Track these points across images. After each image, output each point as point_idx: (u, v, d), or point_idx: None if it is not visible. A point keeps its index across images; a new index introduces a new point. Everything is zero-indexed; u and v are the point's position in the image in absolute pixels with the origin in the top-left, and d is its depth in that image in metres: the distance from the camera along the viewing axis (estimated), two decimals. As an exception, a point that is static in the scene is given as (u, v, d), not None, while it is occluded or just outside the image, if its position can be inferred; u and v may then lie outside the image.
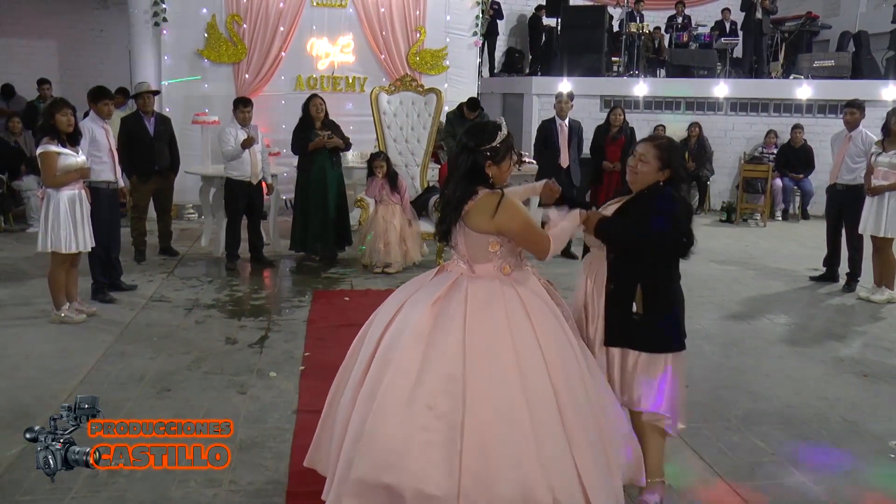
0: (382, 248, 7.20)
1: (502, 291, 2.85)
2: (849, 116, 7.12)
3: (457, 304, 2.81)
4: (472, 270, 2.91)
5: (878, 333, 5.93)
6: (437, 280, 2.98)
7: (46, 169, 5.34)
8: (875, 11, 14.44)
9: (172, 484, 3.32)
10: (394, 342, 2.81)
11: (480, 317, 2.78)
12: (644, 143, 3.21)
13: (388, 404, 2.68)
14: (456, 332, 2.75)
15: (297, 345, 5.25)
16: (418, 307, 2.85)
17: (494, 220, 2.81)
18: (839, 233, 7.29)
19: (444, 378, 2.70)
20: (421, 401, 2.67)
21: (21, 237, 8.62)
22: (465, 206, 2.85)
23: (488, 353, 2.73)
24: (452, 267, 2.99)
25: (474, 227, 2.86)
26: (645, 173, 3.12)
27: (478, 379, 2.69)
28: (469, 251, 2.91)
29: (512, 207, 2.85)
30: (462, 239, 2.91)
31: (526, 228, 2.87)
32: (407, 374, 2.71)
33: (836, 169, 7.15)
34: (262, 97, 9.37)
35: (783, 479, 3.56)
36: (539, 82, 12.38)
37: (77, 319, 5.60)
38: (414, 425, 2.66)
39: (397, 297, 3.01)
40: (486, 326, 2.77)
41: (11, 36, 13.10)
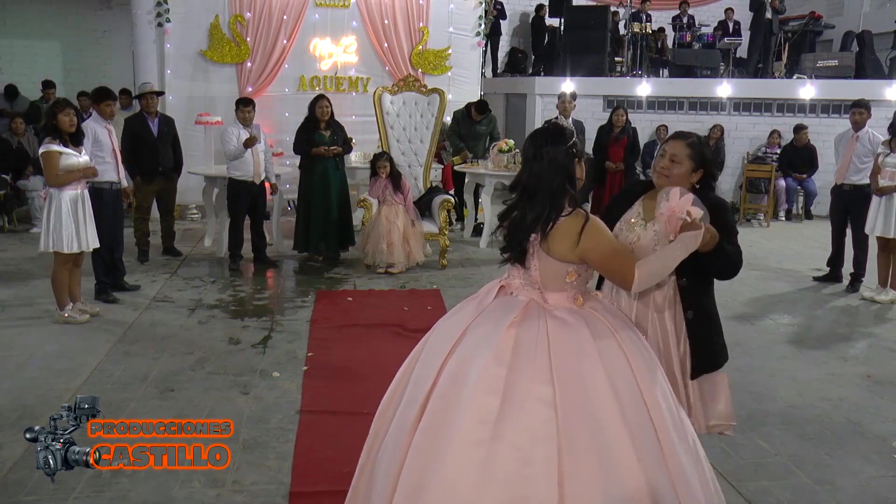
0: (386, 248, 7.20)
1: (585, 327, 2.49)
2: (857, 116, 7.09)
3: (538, 331, 2.45)
4: (545, 300, 2.57)
5: (883, 334, 5.91)
6: (502, 305, 2.59)
7: (48, 168, 5.35)
8: (879, 11, 14.42)
9: (175, 484, 3.33)
10: (459, 380, 2.40)
11: (566, 357, 2.41)
12: (674, 141, 2.89)
13: (464, 455, 2.28)
14: (542, 363, 2.38)
15: (301, 345, 5.25)
16: (491, 337, 2.45)
17: (579, 247, 2.49)
18: (844, 233, 7.27)
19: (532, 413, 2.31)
20: (508, 441, 2.28)
21: (25, 237, 8.64)
22: (549, 226, 2.51)
23: (573, 390, 2.35)
24: (520, 292, 2.61)
25: (555, 253, 2.52)
26: (679, 176, 2.81)
27: (567, 416, 2.30)
28: (543, 277, 2.57)
29: (598, 232, 2.53)
30: (537, 263, 2.56)
31: (612, 257, 2.55)
32: (487, 413, 2.31)
33: (844, 169, 7.12)
34: (264, 97, 9.37)
35: (786, 480, 3.56)
36: (542, 82, 12.37)
37: (80, 319, 5.61)
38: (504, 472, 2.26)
39: (452, 323, 2.62)
40: (573, 368, 2.39)
41: (15, 37, 13.14)
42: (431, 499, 2.28)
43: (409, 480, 2.33)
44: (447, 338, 2.56)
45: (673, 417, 2.46)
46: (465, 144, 9.01)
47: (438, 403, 2.40)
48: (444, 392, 2.41)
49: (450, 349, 2.51)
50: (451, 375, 2.43)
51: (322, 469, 3.52)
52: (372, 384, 4.52)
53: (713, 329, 2.92)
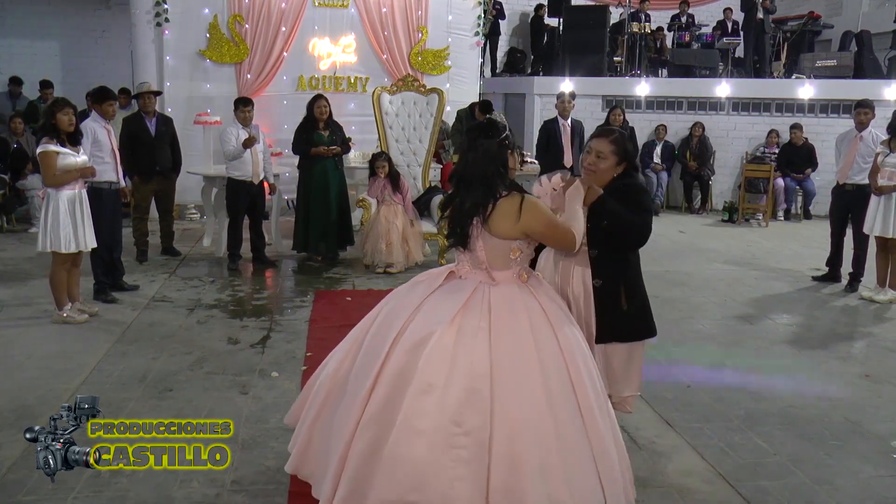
0: (384, 248, 7.20)
1: (524, 300, 2.77)
2: (862, 117, 7.09)
3: (480, 316, 2.71)
4: (492, 278, 2.81)
5: (881, 334, 5.91)
6: (452, 289, 2.83)
7: (46, 168, 5.35)
8: (877, 11, 14.42)
9: (175, 484, 3.32)
10: (411, 358, 2.66)
11: (505, 329, 2.69)
12: (598, 138, 3.19)
13: (413, 423, 2.58)
14: (481, 347, 2.65)
15: (299, 345, 5.25)
16: (436, 319, 2.71)
17: (520, 223, 2.73)
18: (843, 233, 7.28)
19: (471, 393, 2.60)
20: (447, 417, 2.58)
21: (24, 237, 8.63)
22: (488, 209, 2.74)
23: (514, 365, 2.65)
24: (468, 274, 2.85)
25: (498, 232, 2.75)
26: (604, 170, 3.13)
27: (504, 393, 2.61)
28: (489, 257, 2.80)
29: (535, 207, 2.76)
30: (482, 244, 2.79)
31: (551, 226, 2.80)
32: (431, 392, 2.60)
33: (847, 169, 7.11)
34: (263, 97, 9.37)
35: (785, 480, 3.56)
36: (541, 82, 12.38)
37: (79, 319, 5.60)
38: (441, 443, 2.57)
39: (403, 304, 2.87)
40: (511, 338, 2.68)
41: (14, 36, 13.12)
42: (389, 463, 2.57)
43: (363, 448, 2.63)
44: (398, 316, 2.80)
45: (595, 389, 2.76)
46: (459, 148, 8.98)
47: (391, 382, 2.65)
48: (397, 371, 2.66)
49: (399, 330, 2.74)
50: (402, 359, 2.67)
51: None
52: (371, 384, 4.54)
53: (631, 301, 3.17)
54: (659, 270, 7.53)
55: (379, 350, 2.75)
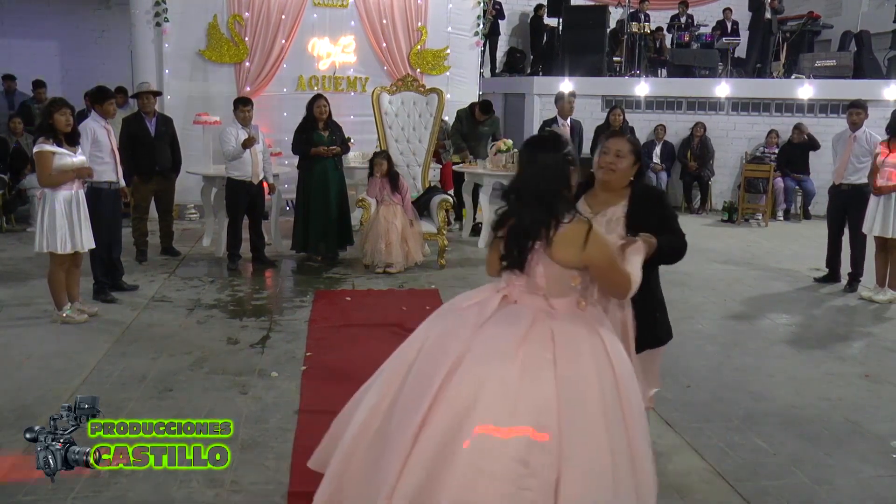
0: (384, 248, 7.20)
1: (585, 331, 2.58)
2: (854, 117, 7.10)
3: (544, 347, 2.49)
4: (550, 306, 2.59)
5: (881, 334, 5.92)
6: (510, 316, 2.59)
7: (41, 169, 5.33)
8: (877, 11, 14.43)
9: (174, 484, 3.32)
10: (472, 393, 2.43)
11: (570, 361, 2.49)
12: (615, 138, 3.18)
13: (478, 464, 2.36)
14: (547, 380, 2.44)
15: (299, 345, 5.25)
16: (497, 350, 2.49)
17: (584, 253, 2.51)
18: (842, 233, 7.28)
19: (538, 430, 2.39)
20: (514, 457, 2.36)
21: (23, 237, 8.62)
22: (551, 232, 2.51)
23: (579, 400, 2.45)
24: (524, 299, 2.62)
25: (560, 259, 2.53)
26: (624, 170, 3.10)
27: (571, 430, 2.41)
28: (548, 284, 2.57)
29: (602, 241, 2.56)
30: (542, 270, 2.56)
31: (613, 266, 2.61)
32: (497, 430, 2.38)
33: (842, 169, 7.13)
34: (263, 97, 9.37)
35: (785, 480, 3.56)
36: (540, 82, 12.38)
37: (79, 319, 5.60)
38: (509, 485, 2.35)
39: (454, 332, 2.60)
40: (575, 371, 2.48)
41: (13, 36, 13.12)
42: None
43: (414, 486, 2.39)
44: (450, 346, 2.55)
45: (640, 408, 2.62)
46: (468, 144, 9.01)
47: (449, 418, 2.42)
48: (456, 408, 2.43)
49: (455, 358, 2.50)
50: (461, 395, 2.44)
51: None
52: (371, 384, 4.54)
53: (657, 308, 3.24)
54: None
55: (429, 382, 2.50)
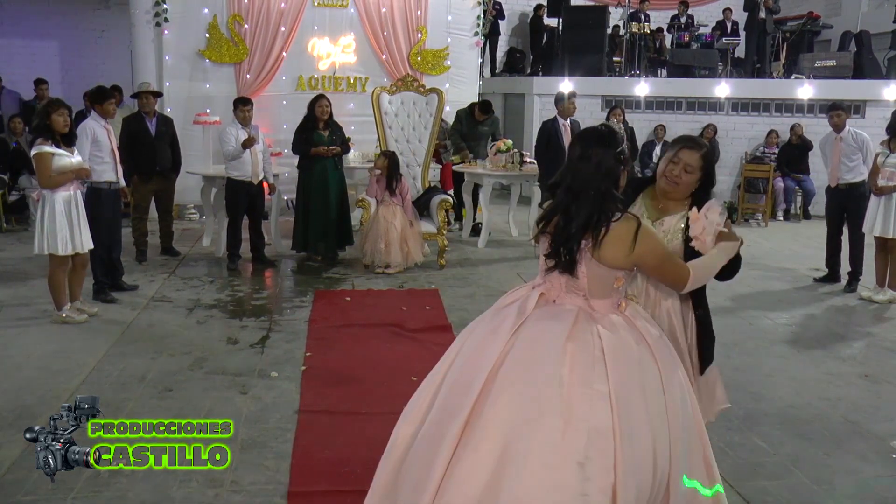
0: (383, 248, 7.20)
1: (628, 329, 2.50)
2: (836, 119, 7.18)
3: (593, 344, 2.40)
4: (591, 307, 2.49)
5: (880, 333, 5.92)
6: (551, 314, 2.50)
7: (41, 170, 5.32)
8: (876, 11, 14.43)
9: (174, 484, 3.32)
10: (521, 391, 2.33)
11: (619, 358, 2.40)
12: (690, 151, 2.88)
13: (534, 474, 2.24)
14: (599, 379, 2.34)
15: (299, 345, 5.25)
16: (543, 348, 2.39)
17: (634, 253, 2.42)
18: (840, 233, 7.29)
19: (594, 432, 2.28)
20: (574, 459, 2.25)
21: (23, 237, 8.62)
22: (601, 232, 2.41)
23: (629, 400, 2.35)
24: (563, 298, 2.52)
25: (607, 259, 2.43)
26: (688, 184, 2.88)
27: (624, 432, 2.30)
28: (590, 285, 2.47)
29: (652, 237, 2.49)
30: (584, 270, 2.45)
31: (666, 261, 2.53)
32: (553, 433, 2.27)
33: (835, 171, 7.17)
34: (263, 97, 9.37)
35: (784, 480, 3.56)
36: (540, 82, 12.38)
37: (78, 319, 5.60)
38: (567, 490, 2.23)
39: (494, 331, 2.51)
40: (625, 369, 2.39)
41: (13, 36, 13.12)
42: None
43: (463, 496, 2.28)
44: (490, 345, 2.46)
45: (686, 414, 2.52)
46: (467, 144, 9.02)
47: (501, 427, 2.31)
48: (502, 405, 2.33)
49: (497, 357, 2.42)
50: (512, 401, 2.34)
51: (320, 469, 3.52)
52: (370, 384, 4.54)
53: (711, 326, 3.05)
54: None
55: (470, 383, 2.40)
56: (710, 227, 2.74)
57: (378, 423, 3.96)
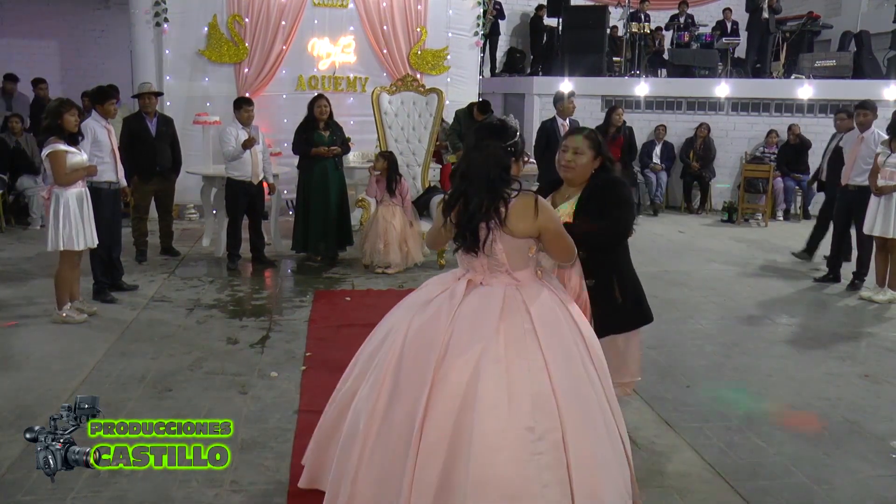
0: (383, 248, 7.20)
1: (553, 300, 2.77)
2: (861, 118, 7.12)
3: (522, 318, 2.67)
4: (515, 279, 2.76)
5: (880, 333, 5.92)
6: (481, 297, 2.73)
7: (58, 168, 5.38)
8: (876, 11, 14.45)
9: (174, 484, 3.32)
10: (466, 377, 2.56)
11: (547, 326, 2.67)
12: (573, 136, 3.32)
13: (491, 442, 2.48)
14: (532, 348, 2.61)
15: (299, 345, 5.25)
16: (479, 332, 2.62)
17: (537, 220, 2.70)
18: (847, 234, 7.28)
19: (536, 396, 2.54)
20: (521, 426, 2.51)
21: (22, 236, 8.63)
22: (501, 212, 2.67)
23: (564, 361, 2.64)
24: (489, 280, 2.77)
25: (517, 231, 2.70)
26: (583, 165, 3.26)
27: (563, 390, 2.58)
28: (510, 258, 2.73)
29: (548, 208, 2.77)
30: (501, 247, 2.71)
31: (560, 230, 2.80)
32: (499, 405, 2.51)
33: (849, 170, 7.14)
34: (263, 97, 9.37)
35: (784, 480, 3.56)
36: (540, 82, 12.38)
37: (78, 319, 5.60)
38: (523, 453, 2.49)
39: (431, 324, 2.71)
40: (554, 335, 2.67)
41: (13, 36, 13.12)
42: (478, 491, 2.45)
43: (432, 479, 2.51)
44: (432, 338, 2.66)
45: (604, 365, 2.85)
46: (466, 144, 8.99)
47: (449, 406, 2.55)
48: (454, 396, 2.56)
49: (440, 349, 2.63)
50: (458, 385, 2.57)
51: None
52: (370, 384, 4.53)
53: (624, 293, 3.35)
54: (658, 270, 7.54)
55: (421, 375, 2.62)
56: None
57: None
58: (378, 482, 2.65)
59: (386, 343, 2.81)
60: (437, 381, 2.58)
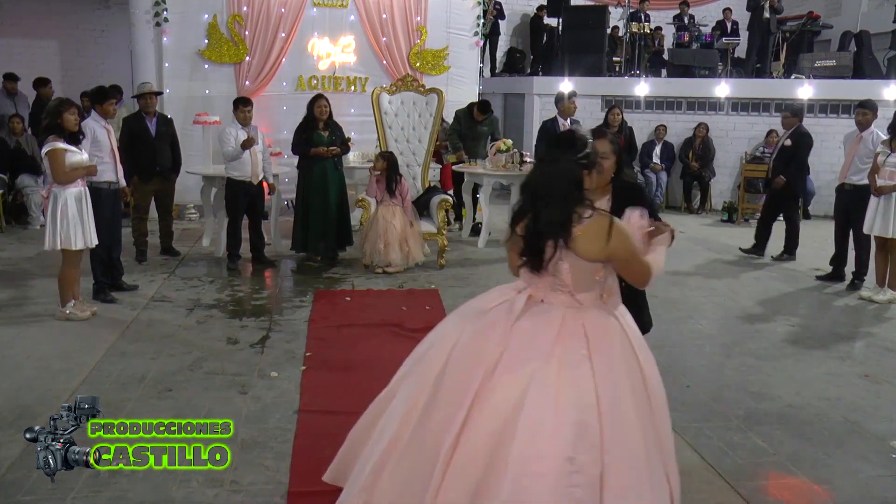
0: (383, 248, 7.20)
1: (612, 323, 2.66)
2: (860, 117, 7.13)
3: (579, 344, 2.55)
4: (578, 301, 2.62)
5: (881, 333, 5.92)
6: (539, 315, 2.62)
7: (56, 166, 5.39)
8: (876, 11, 14.44)
9: (174, 484, 3.32)
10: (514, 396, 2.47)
11: (604, 354, 2.56)
12: (599, 140, 3.22)
13: (531, 467, 2.39)
14: (585, 376, 2.49)
15: (299, 345, 5.25)
16: (532, 352, 2.53)
17: (609, 245, 2.53)
18: (847, 232, 7.29)
19: (580, 427, 2.43)
20: (561, 455, 2.40)
21: (22, 236, 8.63)
22: (574, 229, 2.52)
23: (615, 393, 2.52)
24: (550, 297, 2.64)
25: (585, 253, 2.54)
26: (608, 170, 3.26)
27: (611, 423, 2.47)
28: (574, 280, 2.59)
29: (624, 232, 2.59)
30: (567, 267, 2.57)
31: (634, 255, 2.64)
32: (542, 430, 2.42)
33: (845, 169, 7.16)
34: (263, 97, 9.37)
35: (785, 480, 3.56)
36: (540, 82, 12.38)
37: (82, 316, 5.62)
38: (560, 484, 2.38)
39: (484, 336, 2.62)
40: (609, 364, 2.55)
41: (13, 36, 13.11)
42: None
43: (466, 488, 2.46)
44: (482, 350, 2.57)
45: (663, 397, 2.76)
46: (466, 144, 9.02)
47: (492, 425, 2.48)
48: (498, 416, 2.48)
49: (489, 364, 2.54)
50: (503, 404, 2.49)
51: (320, 469, 3.50)
52: (370, 384, 4.53)
53: (640, 301, 3.40)
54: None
55: (466, 387, 2.53)
56: (635, 232, 2.82)
57: (378, 423, 3.98)
58: (401, 488, 2.59)
59: (434, 348, 2.73)
60: (481, 396, 2.50)
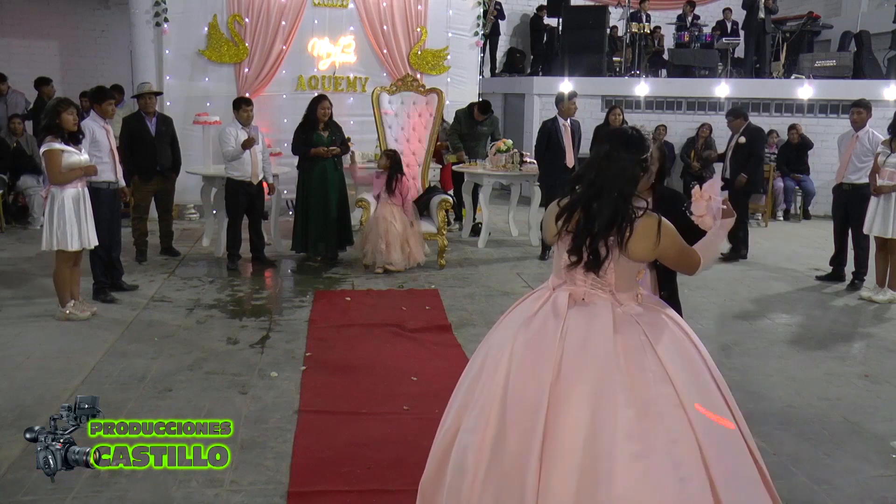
0: (384, 248, 7.20)
1: (658, 315, 2.61)
2: (856, 116, 7.12)
3: (639, 337, 2.48)
4: (617, 301, 2.55)
5: (881, 334, 5.92)
6: (586, 314, 2.53)
7: (52, 167, 5.38)
8: (876, 11, 14.44)
9: (174, 484, 3.32)
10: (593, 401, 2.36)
11: (665, 339, 2.50)
12: None
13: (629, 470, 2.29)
14: (654, 366, 2.43)
15: (299, 345, 5.25)
16: (599, 354, 2.42)
17: (658, 246, 2.51)
18: (846, 232, 7.29)
19: (666, 413, 2.36)
20: (654, 441, 2.32)
21: (22, 236, 8.63)
22: (625, 231, 2.47)
23: (690, 373, 2.46)
24: (591, 297, 2.56)
25: (634, 254, 2.50)
26: (653, 172, 3.06)
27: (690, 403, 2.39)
28: (617, 279, 2.54)
29: (672, 231, 2.55)
30: (612, 266, 2.52)
31: (684, 250, 2.60)
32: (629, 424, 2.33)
33: (843, 168, 7.16)
34: (263, 97, 9.36)
35: (784, 480, 3.55)
36: (540, 82, 12.38)
37: (82, 316, 5.62)
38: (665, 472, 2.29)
39: (539, 345, 2.49)
40: (674, 347, 2.49)
41: (12, 36, 13.12)
42: None
43: None
44: (541, 363, 2.45)
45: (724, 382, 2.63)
46: (466, 144, 9.02)
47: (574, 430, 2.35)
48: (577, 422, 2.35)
49: (553, 374, 2.42)
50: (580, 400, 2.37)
51: (320, 469, 3.52)
52: (370, 384, 4.54)
53: (677, 307, 3.20)
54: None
55: (534, 401, 2.40)
56: (714, 206, 2.81)
57: (378, 423, 3.98)
58: None
59: (488, 365, 2.59)
60: (554, 406, 2.38)
